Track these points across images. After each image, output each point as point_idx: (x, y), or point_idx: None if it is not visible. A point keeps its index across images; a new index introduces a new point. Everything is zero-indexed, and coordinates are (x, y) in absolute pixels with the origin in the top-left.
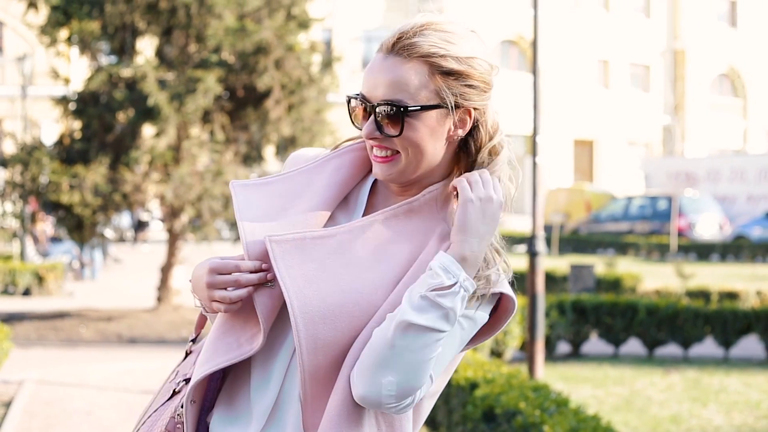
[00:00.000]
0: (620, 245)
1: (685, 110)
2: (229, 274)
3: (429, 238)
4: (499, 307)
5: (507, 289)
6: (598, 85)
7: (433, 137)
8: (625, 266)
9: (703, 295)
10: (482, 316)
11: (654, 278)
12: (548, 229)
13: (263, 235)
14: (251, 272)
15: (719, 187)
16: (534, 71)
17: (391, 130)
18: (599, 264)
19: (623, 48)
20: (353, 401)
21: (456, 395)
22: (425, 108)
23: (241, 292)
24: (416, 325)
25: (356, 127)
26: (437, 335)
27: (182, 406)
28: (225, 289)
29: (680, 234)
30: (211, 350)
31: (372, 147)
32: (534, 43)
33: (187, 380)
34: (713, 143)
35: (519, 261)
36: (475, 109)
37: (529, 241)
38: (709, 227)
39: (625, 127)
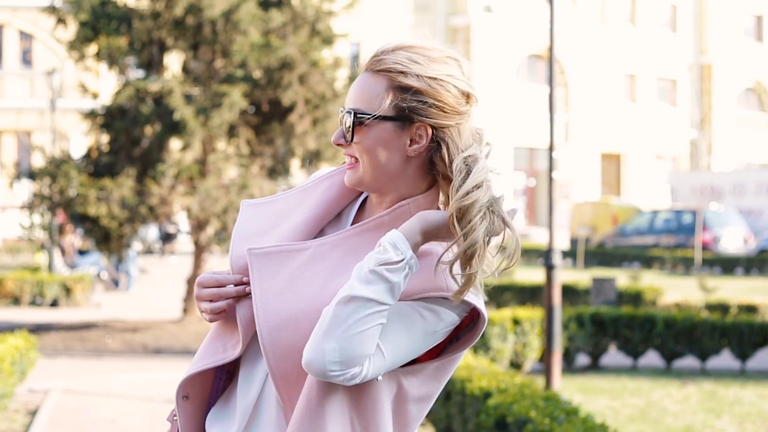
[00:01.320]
0: (645, 259)
1: (712, 124)
2: (213, 288)
3: None
4: (477, 323)
5: (480, 305)
6: (625, 99)
7: (385, 148)
8: (650, 280)
9: (723, 308)
10: (449, 314)
11: (677, 291)
12: (574, 242)
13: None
14: (235, 285)
15: (745, 201)
16: (550, 85)
17: (349, 137)
18: (623, 277)
19: (650, 62)
20: (318, 401)
21: (470, 405)
22: (377, 117)
23: (221, 304)
24: (360, 297)
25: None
26: (379, 307)
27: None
28: (210, 301)
29: (705, 248)
30: (201, 353)
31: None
32: (550, 59)
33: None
34: (740, 157)
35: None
36: (434, 127)
37: (546, 254)
38: (733, 241)
39: (653, 141)
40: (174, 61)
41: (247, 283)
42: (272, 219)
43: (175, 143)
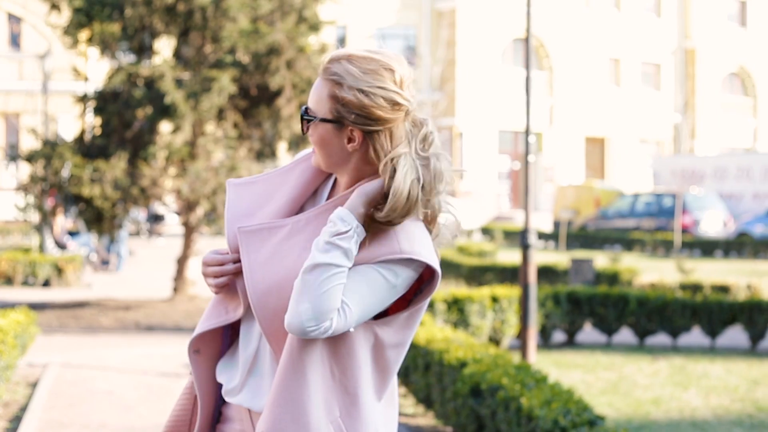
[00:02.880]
0: (626, 241)
1: (696, 109)
2: (216, 266)
3: None
4: (434, 277)
5: (432, 262)
6: (609, 83)
7: (328, 143)
8: (630, 262)
9: (696, 288)
10: (405, 271)
11: (656, 273)
12: (557, 225)
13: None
14: (233, 263)
15: (726, 185)
16: (527, 68)
17: (303, 130)
18: (604, 259)
19: (634, 47)
20: (299, 354)
21: (448, 374)
22: (319, 120)
23: (224, 279)
24: (321, 263)
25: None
26: (338, 269)
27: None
28: (214, 276)
29: (685, 231)
30: (207, 315)
31: None
32: (527, 41)
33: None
34: (723, 141)
35: (536, 257)
36: (363, 131)
37: (522, 234)
38: (713, 224)
39: (637, 125)
40: (165, 46)
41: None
42: (258, 199)
43: (165, 126)
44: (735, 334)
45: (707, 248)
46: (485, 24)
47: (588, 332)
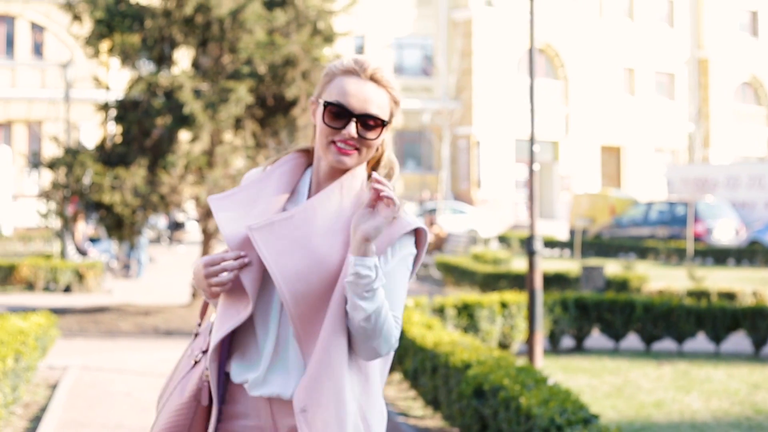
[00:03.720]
0: (640, 249)
1: (710, 117)
2: (218, 264)
3: (353, 204)
4: (419, 239)
5: (421, 224)
6: (624, 92)
7: (378, 143)
8: (643, 270)
9: (704, 295)
10: (407, 244)
11: (668, 281)
12: (573, 233)
13: (239, 229)
14: (234, 259)
15: (739, 194)
16: (531, 77)
17: (370, 135)
18: (618, 267)
19: (648, 56)
20: (331, 336)
21: (453, 376)
22: (388, 123)
23: (230, 275)
24: (372, 311)
25: (329, 125)
26: (384, 304)
27: (207, 368)
28: (217, 276)
29: (698, 239)
30: (219, 322)
31: (338, 141)
32: (530, 52)
33: (204, 351)
34: (737, 150)
35: (544, 264)
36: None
37: (528, 241)
38: (725, 233)
39: (652, 134)
40: (184, 56)
41: (245, 256)
42: (243, 206)
43: (184, 135)
44: (739, 340)
45: (719, 256)
46: (501, 34)
47: (596, 338)
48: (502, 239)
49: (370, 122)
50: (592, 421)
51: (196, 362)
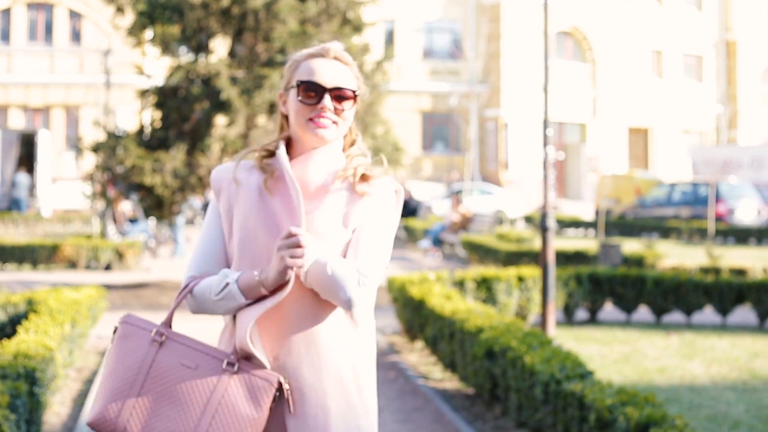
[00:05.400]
0: (663, 229)
1: (737, 100)
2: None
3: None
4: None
5: (398, 186)
6: (652, 74)
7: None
8: (665, 249)
9: (716, 271)
10: (392, 210)
11: (687, 259)
12: (598, 213)
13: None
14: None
15: (762, 175)
16: (545, 59)
17: (344, 105)
18: (640, 246)
19: (676, 39)
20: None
21: (467, 340)
22: (357, 95)
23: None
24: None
25: (304, 102)
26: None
27: (284, 382)
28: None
29: (720, 219)
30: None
31: (315, 117)
32: (545, 32)
33: (231, 363)
34: (765, 132)
35: (567, 243)
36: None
37: (541, 218)
38: (748, 213)
39: (679, 116)
40: (220, 45)
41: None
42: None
43: (221, 120)
44: (745, 313)
45: (741, 236)
46: (528, 17)
47: (608, 311)
48: (528, 219)
49: (341, 94)
50: (588, 376)
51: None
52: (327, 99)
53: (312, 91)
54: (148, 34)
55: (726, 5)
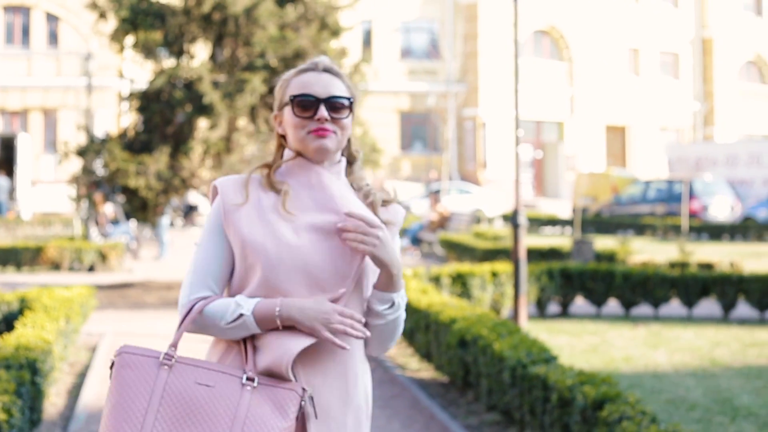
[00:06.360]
0: (638, 226)
1: (714, 97)
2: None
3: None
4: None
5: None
6: (629, 72)
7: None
8: (639, 245)
9: (684, 265)
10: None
11: (660, 254)
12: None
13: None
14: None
15: (737, 172)
16: (515, 60)
17: (340, 114)
18: (615, 243)
19: (653, 37)
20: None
21: (442, 331)
22: (353, 103)
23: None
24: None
25: (300, 116)
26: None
27: (306, 391)
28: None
29: (694, 216)
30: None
31: (313, 129)
32: (515, 26)
33: (250, 379)
34: (742, 129)
35: (544, 240)
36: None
37: (513, 215)
38: (721, 209)
39: (656, 114)
40: (201, 50)
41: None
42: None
43: (203, 122)
44: (710, 305)
45: (714, 232)
46: (505, 17)
47: (580, 305)
48: (506, 218)
49: (337, 103)
50: (552, 361)
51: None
52: (323, 109)
53: (307, 104)
54: (130, 39)
55: (702, 2)
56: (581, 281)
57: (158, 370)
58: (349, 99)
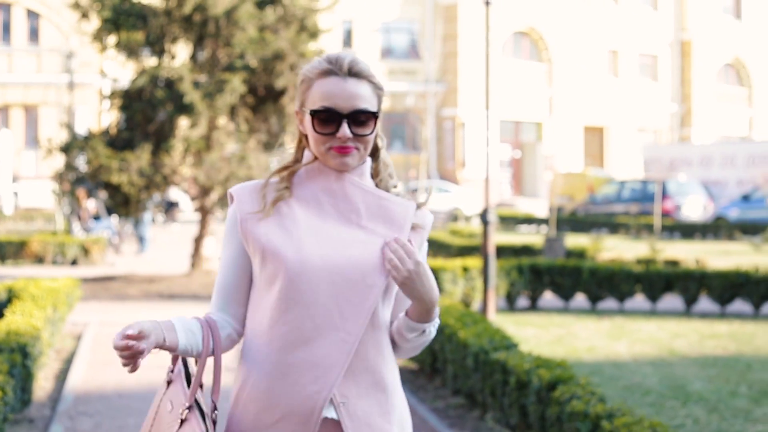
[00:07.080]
0: (612, 225)
1: (692, 99)
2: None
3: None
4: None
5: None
6: (607, 74)
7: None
8: (613, 243)
9: (651, 262)
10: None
11: (631, 252)
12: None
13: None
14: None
15: (712, 173)
16: (486, 61)
17: (364, 131)
18: (588, 241)
19: (632, 38)
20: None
21: None
22: (378, 114)
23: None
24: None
25: (321, 133)
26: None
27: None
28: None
29: (666, 215)
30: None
31: (337, 147)
32: (486, 24)
33: (190, 407)
34: (719, 130)
35: (518, 238)
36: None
37: (483, 213)
38: (694, 209)
39: (635, 115)
40: (182, 50)
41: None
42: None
43: (183, 121)
44: (674, 300)
45: (686, 231)
46: (484, 18)
47: (548, 299)
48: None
49: (361, 118)
50: (512, 347)
51: (182, 421)
52: (345, 127)
53: (329, 121)
54: (112, 39)
55: (681, 5)
56: (550, 276)
57: (164, 386)
58: (374, 113)
